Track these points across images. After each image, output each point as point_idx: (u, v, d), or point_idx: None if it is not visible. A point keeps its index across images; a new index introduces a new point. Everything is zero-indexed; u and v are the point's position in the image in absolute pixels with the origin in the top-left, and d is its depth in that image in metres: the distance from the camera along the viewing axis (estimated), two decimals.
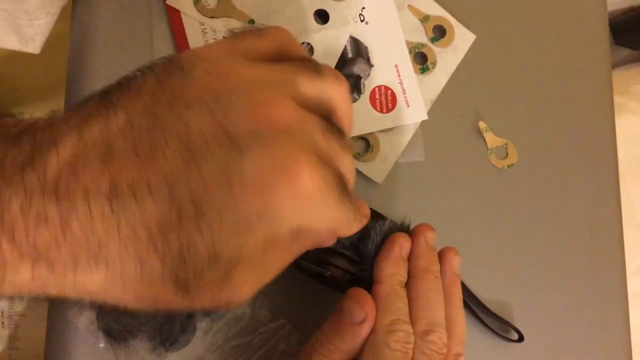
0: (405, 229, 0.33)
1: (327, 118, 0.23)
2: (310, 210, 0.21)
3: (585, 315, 0.43)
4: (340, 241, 0.31)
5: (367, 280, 0.31)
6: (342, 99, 0.25)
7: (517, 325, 0.40)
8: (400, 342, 0.28)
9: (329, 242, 0.26)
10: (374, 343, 0.29)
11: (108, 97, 0.20)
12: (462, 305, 0.32)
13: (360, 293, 0.29)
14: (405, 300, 0.30)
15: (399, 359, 0.28)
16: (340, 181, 0.22)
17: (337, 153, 0.23)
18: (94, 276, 0.18)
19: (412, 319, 0.30)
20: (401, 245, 0.32)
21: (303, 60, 0.24)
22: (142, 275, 0.19)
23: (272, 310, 0.36)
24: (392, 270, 0.31)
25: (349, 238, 0.32)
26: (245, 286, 0.21)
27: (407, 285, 0.31)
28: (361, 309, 0.29)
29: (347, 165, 0.24)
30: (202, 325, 0.35)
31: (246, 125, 0.20)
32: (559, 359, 0.42)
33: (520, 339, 0.40)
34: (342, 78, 0.25)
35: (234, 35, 0.24)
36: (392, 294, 0.30)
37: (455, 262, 0.33)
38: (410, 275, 0.31)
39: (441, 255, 0.33)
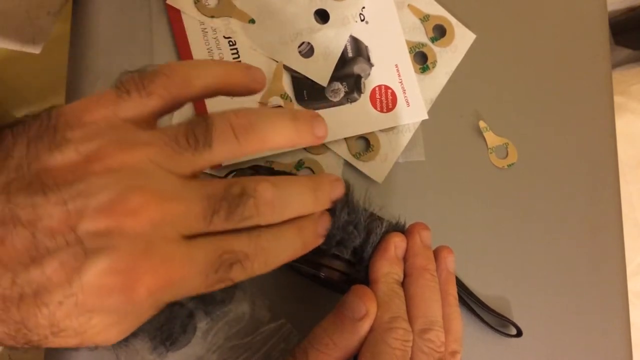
0: (400, 229, 0.33)
1: (226, 192, 0.23)
2: (153, 304, 0.22)
3: (586, 314, 0.43)
4: (342, 245, 0.31)
5: (362, 281, 0.31)
6: (249, 151, 0.24)
7: (519, 325, 0.40)
8: (400, 340, 0.28)
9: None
10: (373, 341, 0.28)
11: None
12: (457, 303, 0.32)
13: (363, 289, 0.29)
14: (403, 299, 0.30)
15: (398, 357, 0.28)
16: (214, 265, 0.22)
17: (230, 225, 0.23)
18: None
19: (410, 317, 0.30)
20: (396, 244, 0.31)
21: (188, 132, 0.23)
22: None
23: (272, 310, 0.36)
24: (387, 269, 0.31)
25: (352, 242, 0.31)
26: (109, 335, 0.22)
27: (404, 284, 0.31)
28: (363, 304, 0.29)
29: (254, 223, 0.23)
30: (202, 325, 0.35)
31: (96, 226, 0.20)
32: (558, 355, 0.42)
33: (519, 334, 0.40)
34: (244, 128, 0.24)
35: (118, 89, 0.23)
36: (390, 293, 0.30)
37: (449, 260, 0.33)
38: (406, 274, 0.31)
39: (435, 253, 0.33)
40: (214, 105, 0.36)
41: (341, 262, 0.32)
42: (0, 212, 0.20)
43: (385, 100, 0.40)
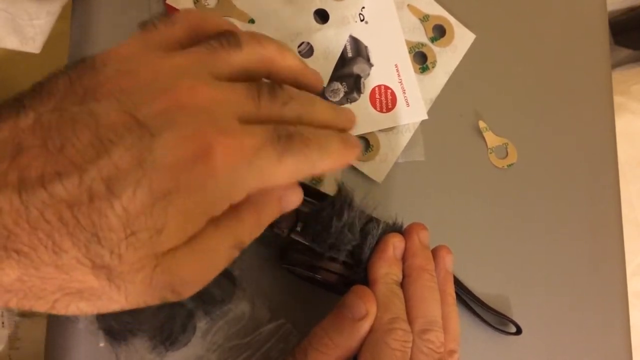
0: (398, 229, 0.33)
1: (261, 81, 0.24)
2: (234, 182, 0.21)
3: (585, 314, 0.43)
4: (337, 247, 0.31)
5: (360, 283, 0.31)
6: (269, 59, 0.25)
7: (518, 324, 0.40)
8: (400, 340, 0.28)
9: (290, 200, 0.26)
10: (373, 341, 0.28)
11: (19, 101, 0.20)
12: (455, 302, 0.32)
13: (364, 289, 0.29)
14: (402, 299, 0.30)
15: (398, 358, 0.28)
16: (273, 139, 0.22)
17: (276, 109, 0.23)
18: (7, 271, 0.18)
19: (409, 317, 0.30)
20: (395, 245, 0.32)
21: (217, 36, 0.24)
22: (57, 262, 0.18)
23: (272, 310, 0.36)
24: (386, 270, 0.31)
25: (348, 244, 0.32)
26: (186, 270, 0.21)
27: (403, 284, 0.31)
28: (363, 305, 0.29)
29: (295, 113, 0.24)
30: (202, 324, 0.35)
31: (156, 110, 0.20)
32: (557, 353, 0.42)
33: (518, 332, 0.40)
34: (263, 38, 0.25)
35: (144, 27, 0.24)
36: (389, 293, 0.30)
37: (448, 260, 0.33)
38: (405, 274, 0.31)
39: (434, 253, 0.33)
40: None
41: (338, 264, 0.32)
42: (56, 122, 0.19)
43: (385, 100, 0.40)
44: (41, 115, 0.19)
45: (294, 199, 0.26)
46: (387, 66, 0.40)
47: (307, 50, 0.39)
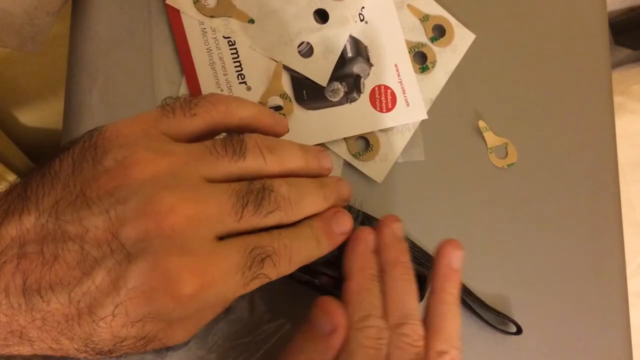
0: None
1: (254, 185, 0.25)
2: (200, 305, 0.22)
3: (585, 314, 0.43)
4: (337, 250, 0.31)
5: None
6: (265, 168, 0.26)
7: (519, 324, 0.40)
8: (372, 338, 0.27)
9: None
10: (346, 342, 0.28)
11: (25, 189, 0.22)
12: (456, 301, 0.31)
13: (329, 303, 0.28)
14: (379, 295, 0.29)
15: (371, 355, 0.27)
16: (245, 265, 0.23)
17: (258, 221, 0.24)
18: (23, 349, 0.21)
19: (386, 312, 0.29)
20: (365, 239, 0.30)
21: (224, 142, 0.25)
22: (62, 349, 0.21)
23: (272, 310, 0.36)
24: (359, 265, 0.30)
25: (339, 247, 0.31)
26: (174, 339, 0.23)
27: (381, 279, 0.30)
28: (329, 320, 0.28)
29: (276, 219, 0.25)
30: None
31: (135, 233, 0.21)
32: (557, 353, 0.42)
33: (519, 331, 0.40)
34: (269, 150, 0.26)
35: (163, 107, 0.25)
36: (361, 290, 0.29)
37: (454, 257, 0.31)
38: (381, 268, 0.30)
39: (439, 248, 0.32)
40: None
41: (334, 267, 0.32)
42: (51, 229, 0.21)
43: (385, 100, 0.40)
44: (41, 216, 0.21)
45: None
46: (387, 66, 0.40)
47: (307, 50, 0.39)
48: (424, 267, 0.32)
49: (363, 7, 0.40)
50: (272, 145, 0.26)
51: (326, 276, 0.32)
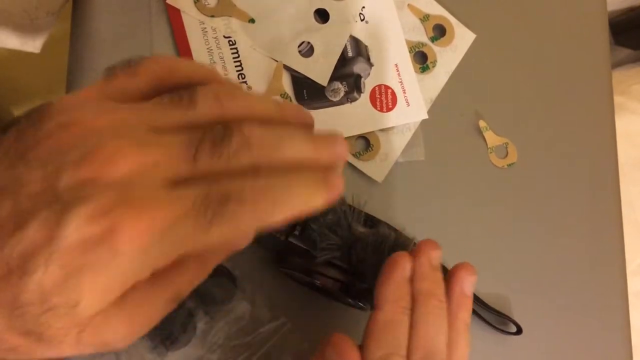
0: (401, 244, 0.32)
1: (210, 130, 0.21)
2: (144, 258, 0.20)
3: (585, 313, 0.43)
4: (331, 250, 0.31)
5: (358, 289, 0.31)
6: (225, 117, 0.22)
7: (519, 324, 0.40)
8: None
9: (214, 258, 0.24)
10: None
11: None
12: (467, 328, 0.30)
13: (344, 344, 0.27)
14: (406, 329, 0.28)
15: None
16: (200, 207, 0.20)
17: (220, 165, 0.21)
18: None
19: (410, 347, 0.28)
20: (403, 267, 0.29)
21: (172, 92, 0.22)
22: None
23: (272, 310, 0.36)
24: (393, 296, 0.28)
25: (340, 247, 0.31)
26: (117, 329, 0.21)
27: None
28: None
29: (247, 161, 0.21)
30: (202, 324, 0.35)
31: (73, 180, 0.20)
32: (557, 353, 0.42)
33: (519, 331, 0.40)
34: (227, 99, 0.22)
35: (107, 75, 0.24)
36: (389, 324, 0.28)
37: (467, 282, 0.30)
38: (412, 298, 0.29)
39: (453, 271, 0.30)
40: None
41: (336, 269, 0.32)
42: None
43: (385, 99, 0.40)
44: None
45: (244, 243, 0.24)
46: (388, 66, 0.40)
47: (307, 50, 0.39)
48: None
49: (363, 7, 0.40)
50: (234, 93, 0.23)
51: (328, 278, 0.32)
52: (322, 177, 0.23)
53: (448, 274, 0.30)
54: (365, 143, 0.40)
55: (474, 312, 0.40)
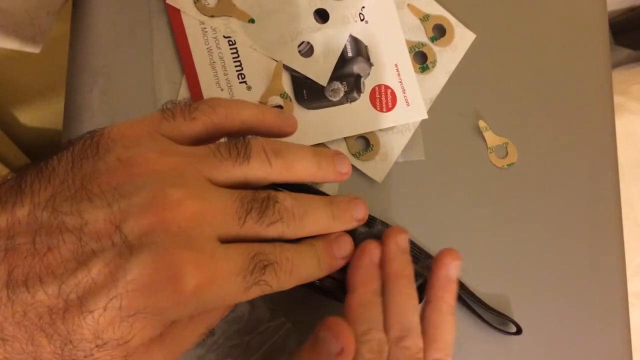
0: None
1: (258, 194, 0.24)
2: (199, 304, 0.22)
3: (585, 314, 0.43)
4: None
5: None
6: (270, 175, 0.25)
7: (519, 324, 0.40)
8: (373, 351, 0.28)
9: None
10: None
11: (20, 183, 0.21)
12: (452, 310, 0.31)
13: (337, 324, 0.28)
14: (380, 308, 0.29)
15: None
16: (247, 270, 0.23)
17: (260, 230, 0.24)
18: None
19: (386, 325, 0.29)
20: (371, 252, 0.31)
21: (228, 145, 0.25)
22: (35, 353, 0.20)
23: (271, 309, 0.36)
24: (363, 279, 0.30)
25: None
26: (155, 358, 0.22)
27: (382, 291, 0.30)
28: (337, 341, 0.27)
29: (278, 232, 0.25)
30: None
31: (140, 227, 0.21)
32: (557, 353, 0.42)
33: (519, 331, 0.40)
34: (276, 155, 0.25)
35: (163, 111, 0.25)
36: (364, 304, 0.29)
37: (452, 267, 0.31)
38: (383, 280, 0.31)
39: (438, 257, 0.32)
40: None
41: (337, 271, 0.32)
42: (46, 221, 0.20)
43: (385, 99, 0.40)
44: (35, 208, 0.20)
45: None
46: (387, 66, 0.40)
47: (307, 50, 0.39)
48: (423, 265, 0.32)
49: (363, 7, 0.40)
50: (278, 149, 0.26)
51: (327, 277, 0.32)
52: (329, 254, 0.28)
53: (433, 260, 0.32)
54: (365, 143, 0.40)
55: (474, 312, 0.40)
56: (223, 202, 0.23)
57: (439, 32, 0.42)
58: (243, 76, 0.38)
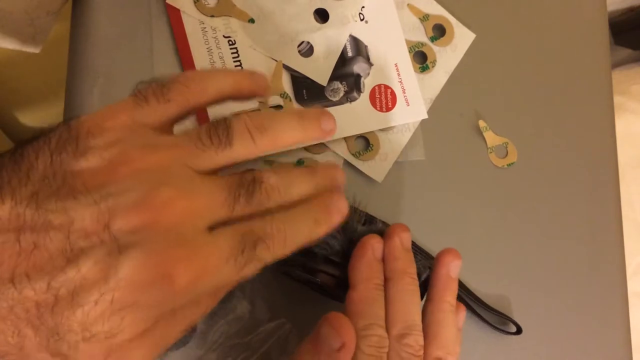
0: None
1: (244, 176, 0.24)
2: (191, 296, 0.22)
3: (585, 313, 0.43)
4: (330, 246, 0.31)
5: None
6: (261, 151, 0.25)
7: (519, 324, 0.40)
8: (374, 346, 0.28)
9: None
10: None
11: None
12: (453, 309, 0.31)
13: (338, 319, 0.28)
14: (382, 304, 0.30)
15: None
16: (238, 251, 0.23)
17: (250, 210, 0.24)
18: None
19: (388, 321, 0.29)
20: (373, 247, 0.31)
21: (209, 131, 0.24)
22: (20, 344, 0.20)
23: (271, 310, 0.36)
24: (365, 274, 0.30)
25: (340, 243, 0.31)
26: (137, 356, 0.22)
27: (385, 287, 0.31)
28: (338, 337, 0.28)
29: (271, 205, 0.25)
30: (202, 324, 0.35)
31: (129, 225, 0.21)
32: (557, 353, 0.42)
33: (519, 331, 0.40)
34: (261, 130, 0.25)
35: (136, 97, 0.25)
36: (366, 299, 0.30)
37: (453, 266, 0.32)
38: (386, 277, 0.31)
39: (439, 256, 0.32)
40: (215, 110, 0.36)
41: (332, 265, 0.32)
42: (29, 219, 0.20)
43: (385, 99, 0.40)
44: (17, 205, 0.20)
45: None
46: (387, 65, 0.40)
47: (307, 50, 0.39)
48: (423, 265, 0.32)
49: (363, 7, 0.40)
50: (262, 124, 0.25)
51: (327, 275, 0.32)
52: (323, 209, 0.27)
53: (434, 259, 0.32)
54: (365, 143, 0.40)
55: (474, 312, 0.40)
56: (211, 194, 0.23)
57: (439, 32, 0.42)
58: None
